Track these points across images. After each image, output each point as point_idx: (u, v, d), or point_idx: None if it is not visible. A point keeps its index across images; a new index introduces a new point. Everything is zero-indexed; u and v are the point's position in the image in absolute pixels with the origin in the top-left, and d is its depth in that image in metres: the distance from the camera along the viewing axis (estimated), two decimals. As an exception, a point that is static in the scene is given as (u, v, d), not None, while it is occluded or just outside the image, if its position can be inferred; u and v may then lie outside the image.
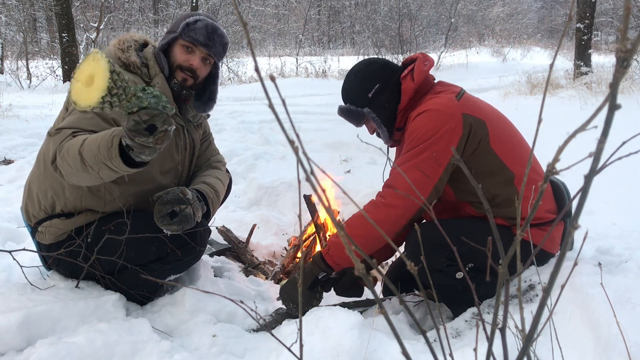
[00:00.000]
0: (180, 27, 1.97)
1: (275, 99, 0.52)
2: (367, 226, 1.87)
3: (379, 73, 2.05)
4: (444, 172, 1.85)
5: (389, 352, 1.59)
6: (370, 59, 2.14)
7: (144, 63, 2.02)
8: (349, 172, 4.56)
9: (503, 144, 1.91)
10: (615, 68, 0.45)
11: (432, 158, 1.82)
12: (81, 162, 1.64)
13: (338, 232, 0.54)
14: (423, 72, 2.00)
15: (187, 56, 2.01)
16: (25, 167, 4.50)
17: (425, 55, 2.08)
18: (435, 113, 1.86)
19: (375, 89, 2.03)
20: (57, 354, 1.54)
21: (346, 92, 2.11)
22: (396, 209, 1.84)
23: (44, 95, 10.77)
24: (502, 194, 1.88)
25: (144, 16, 22.98)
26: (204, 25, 1.98)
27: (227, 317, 2.03)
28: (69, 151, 1.67)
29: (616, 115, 0.46)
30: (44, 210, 2.00)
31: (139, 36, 2.11)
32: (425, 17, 20.69)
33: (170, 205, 1.84)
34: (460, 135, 1.84)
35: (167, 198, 1.85)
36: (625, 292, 1.62)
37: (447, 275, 1.87)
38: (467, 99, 1.95)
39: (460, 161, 0.65)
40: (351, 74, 2.11)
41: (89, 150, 1.62)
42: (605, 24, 26.78)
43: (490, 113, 1.97)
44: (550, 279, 0.58)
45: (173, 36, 2.00)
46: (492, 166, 1.89)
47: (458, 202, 1.97)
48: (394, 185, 1.88)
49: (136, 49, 2.04)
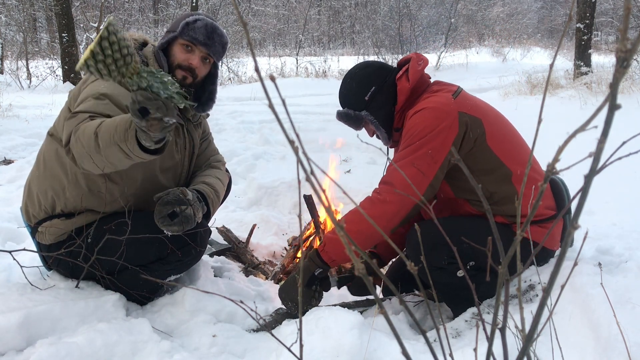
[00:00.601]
0: (180, 27, 1.98)
1: (275, 99, 0.52)
2: (364, 222, 1.87)
3: (374, 76, 2.06)
4: (440, 170, 1.86)
5: (389, 352, 1.59)
6: (366, 63, 2.15)
7: (143, 61, 2.02)
8: (349, 172, 4.56)
9: (500, 141, 1.91)
10: (615, 68, 0.45)
11: (428, 155, 1.83)
12: (95, 142, 1.62)
13: (337, 232, 0.54)
14: (418, 72, 2.01)
15: (186, 55, 2.01)
16: (25, 167, 4.50)
17: (418, 54, 2.09)
18: (432, 111, 1.87)
19: (371, 92, 2.04)
20: (57, 354, 1.54)
21: (343, 96, 2.12)
22: (392, 205, 1.85)
23: (44, 95, 10.78)
24: (500, 191, 1.89)
25: (144, 16, 22.98)
26: (204, 24, 1.98)
27: (227, 317, 2.03)
28: (85, 132, 1.66)
29: (616, 115, 0.46)
30: (44, 210, 2.00)
31: (138, 35, 2.11)
32: (425, 17, 20.69)
33: (171, 206, 1.84)
34: (456, 133, 1.85)
35: (167, 199, 1.85)
36: (625, 292, 1.62)
37: (447, 273, 1.87)
38: (464, 97, 1.96)
39: (460, 161, 0.65)
40: (347, 78, 2.12)
41: (106, 130, 1.60)
42: (605, 24, 26.79)
43: (487, 111, 1.97)
44: (550, 279, 0.58)
45: (173, 35, 2.00)
46: (489, 164, 1.89)
47: (456, 199, 1.98)
48: (389, 182, 1.89)
49: (136, 47, 2.04)
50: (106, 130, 1.61)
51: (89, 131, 1.65)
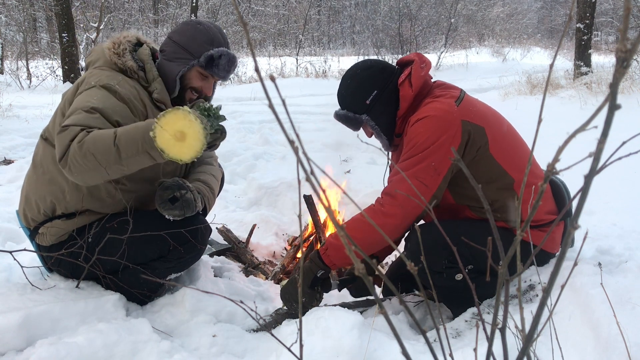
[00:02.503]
0: (204, 58, 1.96)
1: (275, 99, 0.52)
2: (366, 231, 1.87)
3: (377, 79, 2.00)
4: (443, 181, 1.84)
5: (389, 352, 1.59)
6: (367, 63, 2.08)
7: (140, 66, 1.99)
8: (349, 172, 4.55)
9: (503, 149, 1.89)
10: (615, 68, 0.45)
11: (431, 167, 1.81)
12: (116, 154, 1.65)
13: (338, 232, 0.54)
14: (421, 78, 1.96)
15: (202, 83, 2.05)
16: (25, 167, 4.49)
17: (421, 56, 2.04)
18: (435, 120, 1.83)
19: (373, 96, 1.98)
20: (57, 354, 1.54)
21: (343, 97, 2.06)
22: (394, 218, 1.84)
23: (44, 95, 10.77)
24: (501, 199, 1.87)
25: (144, 16, 22.98)
26: (227, 60, 1.99)
27: (227, 317, 2.03)
28: (97, 145, 1.64)
29: (616, 115, 0.46)
30: (43, 214, 1.99)
31: (131, 35, 2.08)
32: (425, 17, 20.68)
33: (171, 190, 1.88)
34: (459, 143, 1.82)
35: (167, 184, 1.90)
36: (625, 292, 1.62)
37: (447, 277, 1.87)
38: (467, 104, 1.91)
39: (461, 161, 0.65)
40: (347, 79, 2.05)
41: (131, 140, 1.65)
42: (605, 24, 26.78)
43: (489, 117, 1.94)
44: (550, 279, 0.58)
45: (193, 63, 1.98)
46: (491, 173, 1.87)
47: (457, 205, 1.97)
48: (392, 194, 1.86)
49: (131, 50, 2.02)
50: (131, 141, 1.65)
51: (105, 144, 1.64)
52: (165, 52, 2.02)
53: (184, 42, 1.99)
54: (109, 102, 1.82)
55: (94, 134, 1.67)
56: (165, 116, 1.64)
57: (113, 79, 1.88)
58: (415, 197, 1.80)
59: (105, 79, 1.87)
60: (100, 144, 1.64)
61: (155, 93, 1.97)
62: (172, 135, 1.63)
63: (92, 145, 1.64)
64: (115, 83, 1.87)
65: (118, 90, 1.85)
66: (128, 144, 1.64)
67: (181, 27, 2.04)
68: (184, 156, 1.65)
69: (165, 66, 2.00)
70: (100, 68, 1.96)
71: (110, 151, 1.64)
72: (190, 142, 1.64)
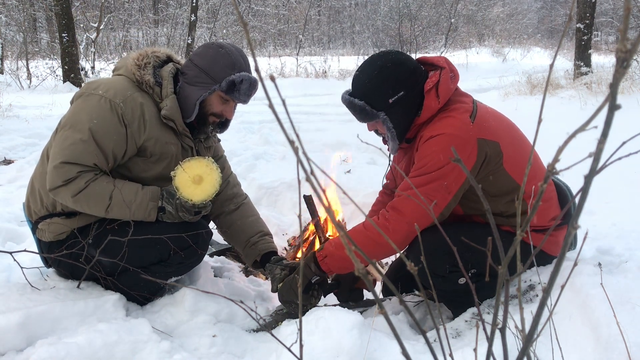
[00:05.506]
0: (225, 83, 1.94)
1: (275, 99, 0.52)
2: (369, 245, 1.84)
3: (406, 80, 1.85)
4: (453, 199, 1.80)
5: (389, 352, 1.59)
6: (400, 57, 1.88)
7: (157, 82, 1.98)
8: (349, 172, 4.55)
9: (516, 163, 1.84)
10: (615, 68, 0.45)
11: (443, 187, 1.76)
12: (105, 212, 1.87)
13: (338, 232, 0.54)
14: (450, 90, 1.85)
15: (223, 107, 2.05)
16: (25, 167, 4.49)
17: (449, 63, 1.91)
18: (450, 139, 1.74)
19: (398, 97, 1.84)
20: (57, 354, 1.54)
21: (364, 87, 1.87)
22: (398, 234, 1.81)
23: (44, 95, 10.77)
24: (510, 209, 1.85)
25: (144, 16, 22.99)
26: (248, 85, 1.97)
27: (227, 318, 2.03)
28: (91, 200, 1.84)
29: (616, 116, 0.46)
30: (45, 207, 2.00)
31: (162, 52, 2.08)
32: (425, 17, 20.70)
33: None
34: (474, 163, 1.76)
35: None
36: (625, 292, 1.62)
37: (449, 281, 1.86)
38: (481, 119, 1.81)
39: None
40: (375, 69, 1.85)
41: (122, 207, 1.86)
42: (605, 24, 26.78)
43: (503, 129, 1.87)
44: (550, 279, 0.58)
45: (214, 88, 1.96)
46: (504, 187, 1.84)
47: (464, 215, 1.95)
48: (400, 210, 1.81)
49: (155, 65, 2.01)
50: (122, 208, 1.86)
51: (99, 200, 1.84)
52: (187, 75, 1.99)
53: (205, 65, 1.97)
54: (104, 125, 1.85)
55: (95, 187, 1.83)
56: (191, 161, 1.89)
57: (121, 94, 1.88)
58: (424, 215, 1.77)
59: (112, 92, 1.87)
60: (96, 201, 1.84)
61: (164, 110, 1.94)
62: (191, 177, 1.87)
63: (85, 197, 1.83)
64: (120, 100, 1.86)
65: (119, 111, 1.86)
66: (119, 209, 1.86)
67: (203, 49, 2.02)
68: (195, 197, 1.87)
69: (186, 89, 1.98)
70: (118, 74, 2.00)
71: (101, 209, 1.87)
72: (206, 187, 1.88)
